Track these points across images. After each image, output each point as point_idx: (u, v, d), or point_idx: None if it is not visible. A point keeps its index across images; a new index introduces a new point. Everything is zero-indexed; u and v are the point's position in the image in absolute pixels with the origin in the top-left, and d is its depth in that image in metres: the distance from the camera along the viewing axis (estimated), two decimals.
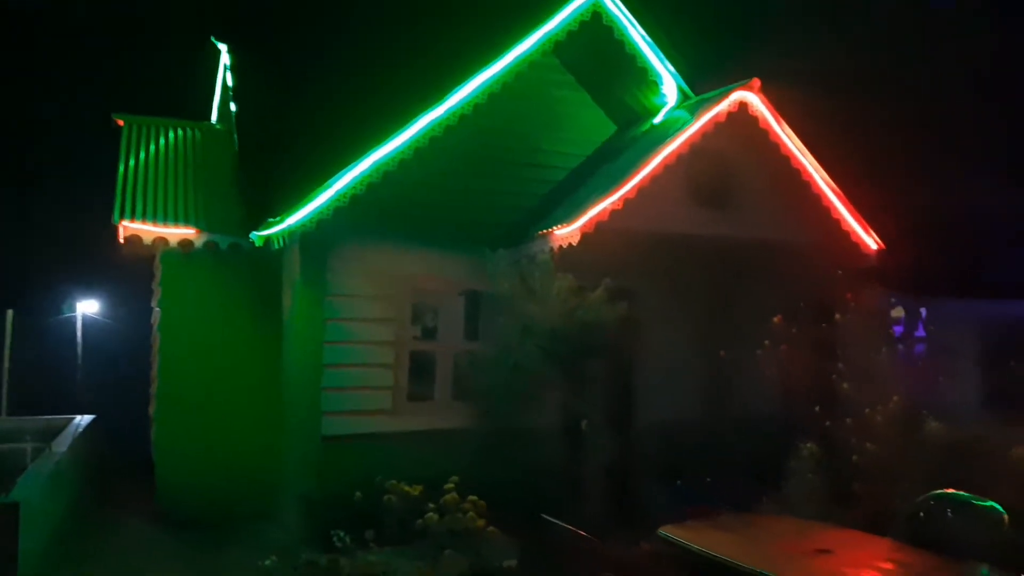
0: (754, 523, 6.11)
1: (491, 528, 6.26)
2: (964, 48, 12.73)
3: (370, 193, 7.56)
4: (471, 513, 6.21)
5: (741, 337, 8.30)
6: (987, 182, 10.32)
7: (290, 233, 7.36)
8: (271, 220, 7.53)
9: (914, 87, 11.66)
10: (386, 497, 6.52)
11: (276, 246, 7.69)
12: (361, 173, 7.49)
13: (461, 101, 7.91)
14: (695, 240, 8.15)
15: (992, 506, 5.56)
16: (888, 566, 5.21)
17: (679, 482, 8.17)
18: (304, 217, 7.34)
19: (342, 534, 6.18)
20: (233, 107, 9.78)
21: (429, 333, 8.50)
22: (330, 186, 7.41)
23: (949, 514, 5.68)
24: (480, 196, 8.50)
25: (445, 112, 7.83)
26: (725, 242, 8.24)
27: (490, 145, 8.55)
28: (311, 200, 7.36)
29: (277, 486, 8.31)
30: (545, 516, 5.44)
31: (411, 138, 7.69)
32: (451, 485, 6.34)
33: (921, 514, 5.75)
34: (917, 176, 10.34)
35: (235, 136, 9.50)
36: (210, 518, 7.98)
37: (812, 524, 6.19)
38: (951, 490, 5.80)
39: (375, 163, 7.54)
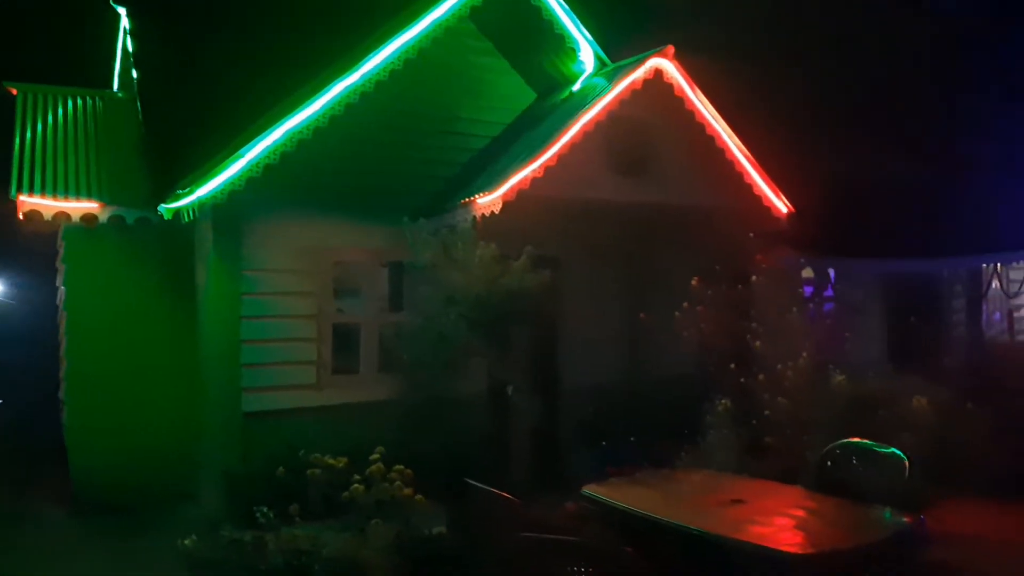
0: (672, 478, 6.35)
1: (418, 496, 6.26)
2: (874, 17, 13.19)
3: (284, 163, 7.34)
4: (398, 483, 6.19)
5: (661, 300, 8.50)
6: (889, 147, 10.78)
7: (200, 205, 7.09)
8: (179, 192, 7.23)
9: (822, 55, 12.04)
10: (310, 471, 6.44)
11: (187, 219, 7.41)
12: (274, 142, 7.25)
13: (377, 67, 7.72)
14: (615, 206, 8.26)
15: (893, 452, 5.90)
16: (797, 512, 5.49)
17: (604, 443, 8.37)
18: (215, 188, 7.07)
19: (266, 510, 6.08)
20: (135, 74, 9.30)
21: (352, 305, 8.38)
22: (241, 156, 7.15)
23: (854, 461, 6.01)
24: (401, 165, 8.38)
25: (360, 78, 7.63)
26: (644, 208, 8.39)
27: (409, 113, 8.41)
28: (221, 171, 7.09)
29: (198, 465, 8.11)
30: (470, 481, 5.46)
31: (325, 105, 7.48)
32: (376, 456, 6.31)
33: (828, 463, 6.08)
34: (824, 141, 10.72)
35: (139, 105, 9.04)
36: (129, 501, 7.73)
37: (727, 476, 6.47)
38: (856, 439, 6.14)
39: (288, 131, 7.30)
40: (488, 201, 7.46)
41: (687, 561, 5.15)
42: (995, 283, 11.56)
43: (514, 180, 7.46)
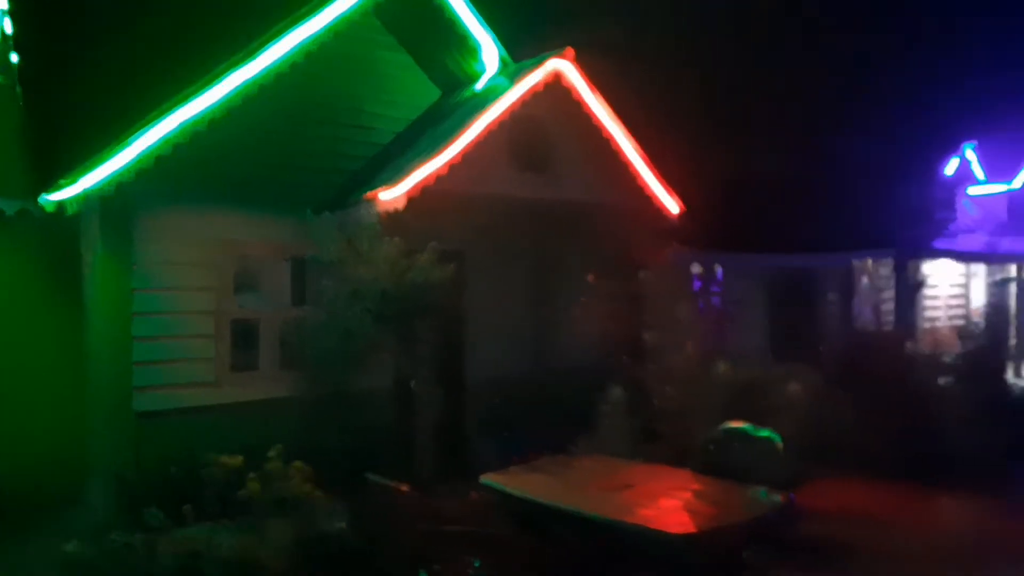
0: (568, 464, 6.62)
1: (318, 493, 6.25)
2: (760, 21, 13.96)
3: (177, 154, 7.12)
4: (296, 480, 6.16)
5: (563, 293, 8.80)
6: (772, 149, 11.49)
7: (86, 197, 6.79)
8: (63, 183, 6.90)
9: (712, 60, 12.65)
10: (204, 471, 6.31)
11: (71, 211, 7.06)
12: (166, 133, 7.02)
13: (277, 60, 7.59)
14: (518, 203, 8.47)
15: (769, 435, 6.38)
16: (683, 494, 5.85)
17: (508, 433, 8.58)
18: (101, 179, 6.80)
19: (156, 511, 5.93)
20: (15, 58, 8.74)
21: (253, 300, 8.22)
22: (129, 146, 6.89)
23: (734, 445, 6.46)
24: (303, 158, 8.28)
25: (260, 70, 7.48)
26: (545, 205, 8.64)
27: (312, 105, 8.32)
28: (107, 161, 6.82)
29: (88, 468, 7.77)
30: (371, 476, 5.54)
31: (222, 97, 7.30)
32: (274, 453, 6.25)
33: (711, 446, 6.51)
34: (713, 143, 11.31)
35: (19, 90, 8.52)
36: (12, 508, 7.31)
37: (620, 462, 6.81)
38: (736, 424, 6.59)
39: (181, 123, 7.09)
40: (392, 196, 7.50)
41: (581, 544, 5.42)
42: (865, 278, 12.52)
43: (418, 176, 7.55)
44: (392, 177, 7.82)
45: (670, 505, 5.57)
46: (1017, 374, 13.18)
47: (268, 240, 7.99)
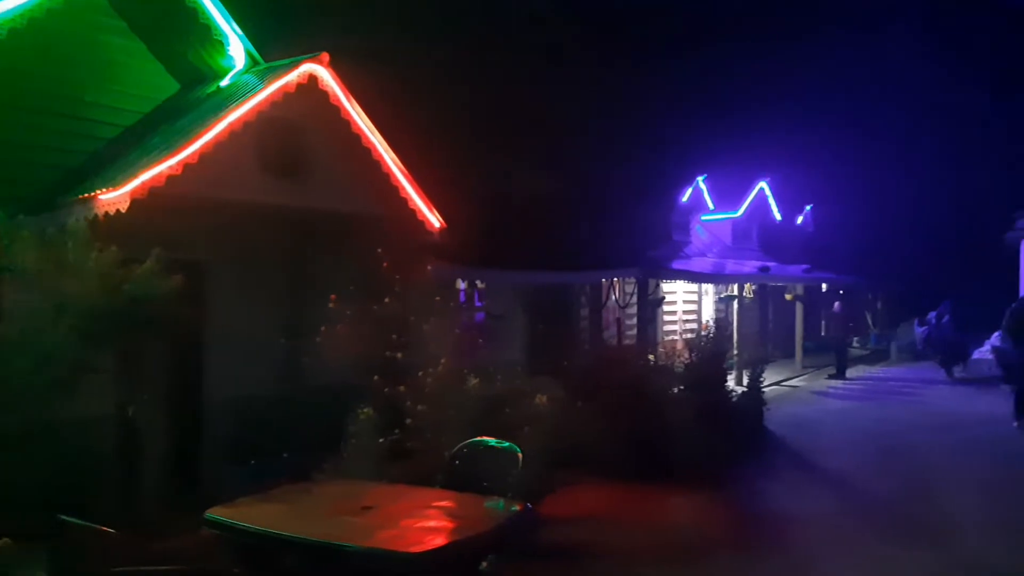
0: (309, 491, 6.23)
1: (4, 540, 5.31)
2: (525, 53, 14.63)
3: None
4: None
5: (317, 308, 8.39)
6: (533, 169, 12.04)
7: None
8: None
9: (473, 80, 13.02)
10: None
11: None
12: None
13: None
14: (267, 210, 7.97)
15: (510, 447, 6.49)
16: (425, 511, 5.74)
17: (255, 460, 7.98)
18: None
19: None
20: None
21: None
22: None
23: (478, 458, 6.51)
24: (4, 150, 7.12)
25: None
26: (298, 214, 8.22)
27: (16, 90, 7.18)
28: None
29: None
30: (65, 518, 4.78)
31: None
32: None
33: (457, 461, 6.49)
34: (476, 161, 11.59)
35: None
36: None
37: (364, 484, 6.55)
38: (481, 437, 6.66)
39: None
40: (113, 198, 6.69)
41: (314, 574, 5.10)
42: (613, 295, 13.53)
43: (146, 176, 6.80)
44: (115, 176, 6.98)
45: (410, 524, 5.43)
46: (739, 381, 14.94)
47: None
